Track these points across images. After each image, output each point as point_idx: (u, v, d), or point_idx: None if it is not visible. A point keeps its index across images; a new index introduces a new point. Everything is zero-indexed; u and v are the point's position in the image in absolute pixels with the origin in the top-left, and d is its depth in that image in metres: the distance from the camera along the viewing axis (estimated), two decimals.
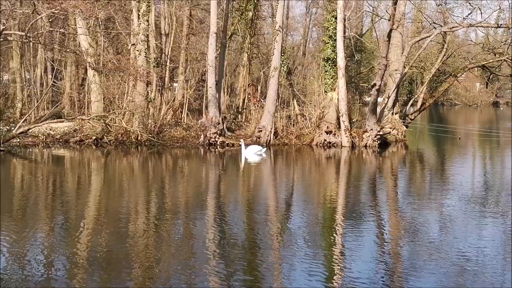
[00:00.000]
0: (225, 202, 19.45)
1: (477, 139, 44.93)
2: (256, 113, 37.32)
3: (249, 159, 28.35)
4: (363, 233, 14.81)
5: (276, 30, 35.82)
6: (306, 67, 56.69)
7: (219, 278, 11.10)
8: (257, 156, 29.18)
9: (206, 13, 45.60)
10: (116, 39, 44.55)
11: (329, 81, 35.76)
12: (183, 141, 33.90)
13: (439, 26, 38.35)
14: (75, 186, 21.84)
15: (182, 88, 42.22)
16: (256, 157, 28.89)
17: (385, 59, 34.02)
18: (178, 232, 14.76)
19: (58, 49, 41.02)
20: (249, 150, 29.59)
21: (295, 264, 11.97)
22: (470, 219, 16.62)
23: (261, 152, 29.65)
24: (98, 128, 33.30)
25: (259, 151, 29.65)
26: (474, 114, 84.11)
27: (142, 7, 34.48)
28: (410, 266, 12.10)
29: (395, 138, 37.17)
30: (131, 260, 12.00)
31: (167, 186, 22.40)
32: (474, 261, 12.35)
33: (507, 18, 37.87)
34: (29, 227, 14.75)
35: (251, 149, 29.76)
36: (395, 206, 19.08)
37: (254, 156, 29.14)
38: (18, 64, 39.58)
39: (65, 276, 11.01)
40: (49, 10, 30.66)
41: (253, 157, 28.93)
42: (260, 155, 29.28)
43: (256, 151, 29.62)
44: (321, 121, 35.02)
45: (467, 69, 44.77)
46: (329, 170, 28.22)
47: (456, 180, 24.54)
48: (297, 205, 19.16)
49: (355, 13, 45.34)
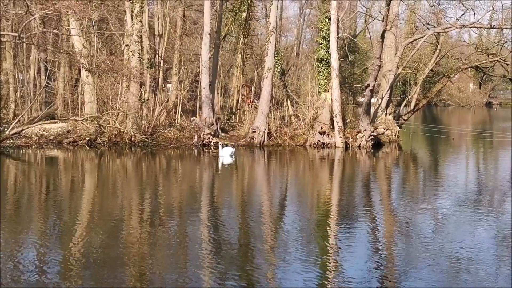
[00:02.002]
0: (219, 203, 19.42)
1: (470, 140, 45.04)
2: (250, 114, 37.33)
3: (225, 161, 27.97)
4: (356, 234, 14.82)
5: (270, 31, 35.84)
6: (300, 68, 56.79)
7: (213, 278, 11.10)
8: (231, 157, 28.72)
9: (199, 13, 45.63)
10: (109, 40, 44.48)
11: (323, 81, 35.79)
12: (176, 142, 33.86)
13: (433, 27, 38.45)
14: (69, 187, 21.77)
15: (175, 89, 42.22)
16: (230, 159, 28.48)
17: (379, 60, 34.09)
18: (171, 233, 14.72)
19: (51, 50, 40.90)
20: (225, 152, 29.19)
21: (289, 265, 11.96)
22: (463, 219, 16.65)
23: (233, 153, 29.36)
24: (91, 129, 33.22)
25: (232, 152, 29.27)
26: (467, 114, 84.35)
27: (135, 8, 34.42)
28: (404, 266, 12.11)
29: (388, 138, 37.27)
30: (125, 261, 11.97)
31: (160, 187, 22.35)
32: (466, 260, 12.39)
33: (500, 19, 37.96)
34: (22, 228, 14.69)
35: (226, 150, 29.33)
36: (389, 207, 19.10)
37: (229, 157, 28.70)
38: (11, 65, 39.46)
39: (58, 277, 10.97)
40: (42, 11, 30.54)
41: (227, 158, 28.54)
42: (232, 157, 28.98)
43: (230, 152, 29.16)
44: (314, 122, 35.06)
45: (460, 69, 44.93)
46: (323, 170, 28.23)
47: (449, 180, 24.60)
48: (290, 206, 19.16)
49: (349, 14, 45.39)
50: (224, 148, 29.53)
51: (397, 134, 38.03)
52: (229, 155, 28.84)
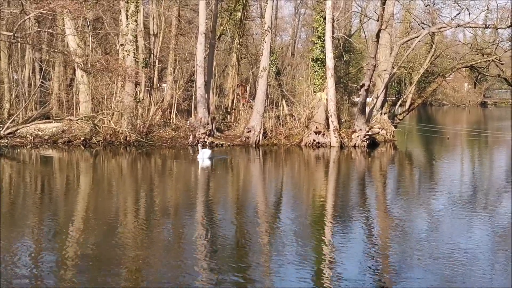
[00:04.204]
0: (215, 202, 19.40)
1: (465, 139, 45.13)
2: (245, 114, 37.32)
3: (204, 163, 27.01)
4: (352, 233, 14.84)
5: (265, 31, 35.84)
6: (295, 67, 56.78)
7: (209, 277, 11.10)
8: (209, 160, 27.56)
9: (194, 13, 45.57)
10: (104, 39, 44.39)
11: (318, 81, 35.79)
12: (172, 141, 33.83)
13: (427, 27, 38.50)
14: (64, 187, 21.73)
15: (171, 88, 42.18)
16: (208, 161, 27.33)
17: (374, 60, 34.12)
18: (166, 232, 14.70)
19: (46, 49, 40.83)
20: (205, 154, 27.93)
21: (285, 264, 11.97)
22: (457, 217, 16.69)
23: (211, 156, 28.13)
24: (86, 129, 33.16)
25: (210, 155, 27.98)
26: (462, 114, 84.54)
27: (130, 8, 34.36)
28: (399, 264, 12.13)
29: (383, 138, 37.32)
30: (120, 260, 11.95)
31: (155, 186, 22.32)
32: (462, 256, 12.42)
33: (495, 18, 38.04)
34: (17, 228, 14.65)
35: (206, 153, 28.03)
36: (384, 206, 19.12)
37: (207, 160, 27.51)
38: (6, 64, 39.35)
39: (54, 277, 10.95)
40: (37, 10, 30.50)
41: (206, 161, 27.38)
42: (210, 159, 27.84)
43: (208, 155, 27.94)
44: (310, 121, 35.09)
45: (455, 69, 45.01)
46: (318, 170, 28.25)
47: (444, 179, 24.64)
48: (286, 205, 19.15)
49: (344, 13, 45.43)
50: (202, 150, 28.24)
51: (392, 134, 38.09)
52: (207, 158, 27.69)
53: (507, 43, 42.18)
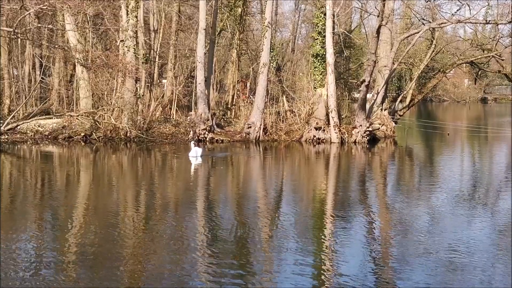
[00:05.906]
0: (215, 197, 19.42)
1: (465, 135, 45.12)
2: (246, 109, 37.35)
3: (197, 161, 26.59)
4: (352, 228, 14.85)
5: (265, 26, 35.82)
6: (295, 63, 56.73)
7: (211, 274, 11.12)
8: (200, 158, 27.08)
9: (195, 9, 45.49)
10: (104, 35, 44.36)
11: (318, 77, 35.79)
12: (172, 137, 33.82)
13: (428, 22, 38.49)
14: (64, 183, 21.75)
15: (171, 84, 42.16)
16: (200, 160, 26.91)
17: (374, 55, 34.12)
18: (168, 228, 14.72)
19: (46, 45, 40.78)
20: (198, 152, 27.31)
21: (286, 260, 11.99)
22: (458, 213, 16.70)
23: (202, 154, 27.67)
24: (86, 125, 33.18)
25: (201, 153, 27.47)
26: (462, 110, 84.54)
27: (130, 3, 34.32)
28: (400, 261, 12.15)
29: (384, 134, 37.33)
30: (121, 257, 11.97)
31: (156, 182, 22.34)
32: (462, 254, 12.44)
33: (495, 14, 38.03)
34: (17, 224, 14.67)
35: (198, 151, 27.44)
36: (384, 201, 19.14)
37: (200, 158, 27.05)
38: (6, 60, 39.35)
39: (54, 274, 10.95)
40: (37, 6, 30.46)
41: (199, 159, 26.92)
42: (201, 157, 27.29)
43: (201, 153, 27.43)
44: (310, 117, 35.09)
45: (455, 65, 45.05)
46: (319, 166, 28.26)
47: (445, 174, 24.65)
48: (286, 200, 19.16)
49: (344, 9, 45.34)
50: (194, 148, 27.60)
51: (393, 130, 38.09)
52: (199, 156, 27.23)
53: (507, 38, 42.14)
